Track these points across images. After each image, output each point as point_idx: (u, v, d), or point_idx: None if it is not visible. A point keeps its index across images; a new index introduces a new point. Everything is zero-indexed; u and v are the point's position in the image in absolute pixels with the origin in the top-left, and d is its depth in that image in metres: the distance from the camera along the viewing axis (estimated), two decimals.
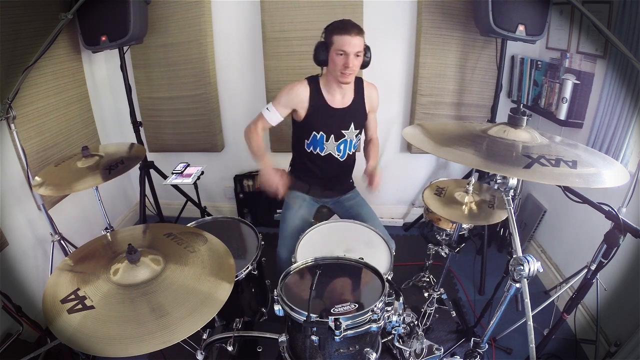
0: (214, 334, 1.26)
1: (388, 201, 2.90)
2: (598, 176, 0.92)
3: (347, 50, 1.50)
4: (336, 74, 1.57)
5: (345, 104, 1.71)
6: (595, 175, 0.92)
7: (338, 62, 1.53)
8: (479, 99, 2.48)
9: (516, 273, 0.91)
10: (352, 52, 1.50)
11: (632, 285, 1.58)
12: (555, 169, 0.90)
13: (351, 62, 1.51)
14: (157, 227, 1.33)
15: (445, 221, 1.80)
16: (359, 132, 1.78)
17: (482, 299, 2.12)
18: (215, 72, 2.53)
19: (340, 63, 1.52)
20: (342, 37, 1.49)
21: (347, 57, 1.51)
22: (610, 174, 0.93)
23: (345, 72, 1.54)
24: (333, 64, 1.55)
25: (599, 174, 0.93)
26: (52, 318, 0.91)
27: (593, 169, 0.95)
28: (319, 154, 1.75)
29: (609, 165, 0.98)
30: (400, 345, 1.31)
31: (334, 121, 1.70)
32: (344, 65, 1.52)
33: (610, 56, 1.70)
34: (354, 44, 1.50)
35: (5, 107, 1.56)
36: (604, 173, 0.94)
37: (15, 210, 1.86)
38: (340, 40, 1.50)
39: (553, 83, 2.08)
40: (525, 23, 1.90)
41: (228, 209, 3.04)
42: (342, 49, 1.50)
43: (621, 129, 1.65)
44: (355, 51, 1.51)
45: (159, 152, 2.75)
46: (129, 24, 1.98)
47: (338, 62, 1.53)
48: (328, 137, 1.72)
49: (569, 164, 0.92)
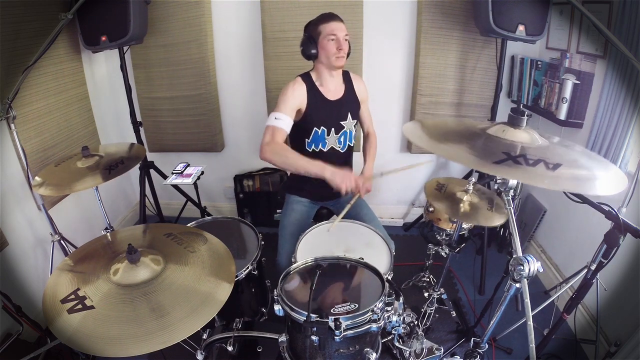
0: (214, 334, 1.26)
1: (388, 201, 2.90)
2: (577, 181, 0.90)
3: (338, 34, 1.59)
4: (330, 59, 1.62)
5: (339, 94, 1.75)
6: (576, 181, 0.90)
7: (330, 47, 1.59)
8: (479, 99, 2.48)
9: (516, 273, 0.91)
10: (342, 35, 1.60)
11: (632, 285, 1.58)
12: (529, 168, 0.89)
13: (343, 44, 1.60)
14: (157, 227, 1.33)
15: (445, 221, 1.80)
16: (356, 122, 1.82)
17: (482, 299, 2.12)
18: (215, 72, 2.53)
19: (334, 47, 1.59)
20: (330, 24, 1.59)
21: (339, 41, 1.59)
22: (602, 180, 0.90)
23: (340, 55, 1.61)
24: (325, 51, 1.61)
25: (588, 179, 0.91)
26: (52, 318, 0.91)
27: (584, 172, 0.92)
28: (321, 151, 1.76)
29: (603, 169, 0.95)
30: (400, 345, 1.31)
31: (332, 113, 1.73)
32: (338, 48, 1.59)
33: (610, 56, 1.70)
34: (341, 28, 1.60)
35: (5, 107, 1.56)
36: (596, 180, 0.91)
37: (15, 210, 1.86)
38: (328, 27, 1.59)
39: (553, 83, 2.08)
40: (525, 23, 1.90)
41: (228, 209, 3.04)
42: (333, 33, 1.58)
43: (621, 129, 1.65)
44: (343, 35, 1.60)
45: (159, 152, 2.75)
46: (129, 24, 1.98)
47: (330, 47, 1.59)
48: (329, 131, 1.73)
49: (550, 165, 0.89)
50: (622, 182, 0.90)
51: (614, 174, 0.93)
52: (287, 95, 1.63)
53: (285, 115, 1.59)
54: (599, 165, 0.98)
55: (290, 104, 1.63)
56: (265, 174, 2.79)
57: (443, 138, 1.10)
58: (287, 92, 1.64)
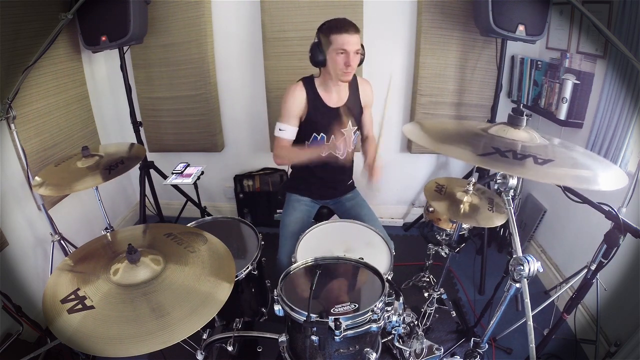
0: (214, 334, 1.26)
1: (388, 201, 2.90)
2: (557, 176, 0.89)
3: (348, 48, 1.50)
4: (337, 73, 1.56)
5: (342, 101, 1.72)
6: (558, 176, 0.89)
7: (339, 62, 1.53)
8: (479, 99, 2.48)
9: (516, 273, 0.91)
10: (352, 50, 1.51)
11: (632, 285, 1.58)
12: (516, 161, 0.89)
13: (352, 60, 1.52)
14: (157, 227, 1.33)
15: (445, 221, 1.80)
16: (357, 128, 1.79)
17: (482, 299, 2.12)
18: (215, 72, 2.53)
19: (342, 62, 1.52)
20: (342, 35, 1.49)
21: (348, 56, 1.51)
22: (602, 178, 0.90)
23: (347, 71, 1.54)
24: (333, 63, 1.55)
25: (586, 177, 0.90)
26: (52, 318, 0.91)
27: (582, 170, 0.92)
28: (320, 156, 1.75)
29: (603, 169, 0.95)
30: (400, 345, 1.31)
31: (333, 121, 1.70)
32: (346, 64, 1.52)
33: (610, 56, 1.69)
34: (354, 42, 1.50)
35: (5, 107, 1.56)
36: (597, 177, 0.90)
37: (15, 210, 1.86)
38: (340, 39, 1.49)
39: (553, 83, 2.08)
40: (525, 23, 1.90)
41: (228, 209, 3.04)
42: (343, 47, 1.50)
43: (621, 129, 1.65)
44: (355, 49, 1.51)
45: (159, 152, 2.75)
46: (129, 24, 1.97)
47: (339, 62, 1.53)
48: (329, 137, 1.72)
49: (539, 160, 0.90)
50: (622, 180, 0.90)
51: (613, 173, 0.93)
52: (287, 103, 1.65)
53: (288, 125, 1.66)
54: (599, 165, 0.98)
55: (291, 113, 1.65)
56: (265, 174, 2.79)
57: (442, 137, 1.11)
58: (288, 101, 1.65)
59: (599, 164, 1.00)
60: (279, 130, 1.67)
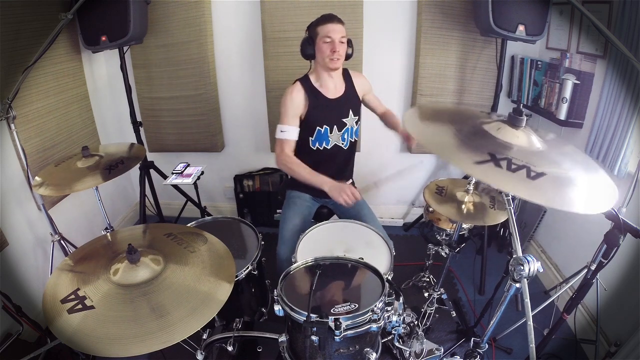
0: (214, 334, 1.26)
1: (388, 201, 2.90)
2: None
3: (333, 36, 1.61)
4: (325, 61, 1.65)
5: (339, 93, 1.78)
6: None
7: (325, 49, 1.63)
8: (479, 99, 2.47)
9: (516, 273, 0.91)
10: (337, 38, 1.61)
11: (632, 285, 1.58)
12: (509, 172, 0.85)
13: (337, 46, 1.62)
14: (157, 227, 1.33)
15: (445, 221, 1.80)
16: (358, 118, 1.84)
17: (482, 299, 2.12)
18: (215, 72, 2.53)
19: (328, 49, 1.62)
20: (326, 25, 1.62)
21: (334, 43, 1.61)
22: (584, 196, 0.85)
23: (334, 57, 1.63)
24: (321, 52, 1.65)
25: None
26: (52, 318, 0.91)
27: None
28: (325, 148, 1.78)
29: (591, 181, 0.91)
30: (400, 345, 1.31)
31: (334, 112, 1.75)
32: (332, 50, 1.62)
33: (610, 56, 1.69)
34: (338, 30, 1.62)
35: (5, 107, 1.56)
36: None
37: (15, 210, 1.86)
38: (324, 29, 1.62)
39: (553, 83, 2.08)
40: (525, 23, 1.90)
41: (228, 209, 3.04)
42: (328, 35, 1.61)
43: (621, 128, 1.65)
44: (339, 37, 1.62)
45: (159, 152, 2.75)
46: (129, 24, 1.98)
47: (325, 49, 1.63)
48: (332, 129, 1.75)
49: (532, 174, 0.85)
50: (610, 200, 0.86)
51: (603, 189, 0.89)
52: (286, 105, 1.69)
53: (289, 126, 1.69)
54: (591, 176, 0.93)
55: (291, 113, 1.70)
56: (265, 174, 2.79)
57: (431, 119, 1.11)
58: (287, 102, 1.69)
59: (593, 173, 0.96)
60: (280, 132, 1.70)
